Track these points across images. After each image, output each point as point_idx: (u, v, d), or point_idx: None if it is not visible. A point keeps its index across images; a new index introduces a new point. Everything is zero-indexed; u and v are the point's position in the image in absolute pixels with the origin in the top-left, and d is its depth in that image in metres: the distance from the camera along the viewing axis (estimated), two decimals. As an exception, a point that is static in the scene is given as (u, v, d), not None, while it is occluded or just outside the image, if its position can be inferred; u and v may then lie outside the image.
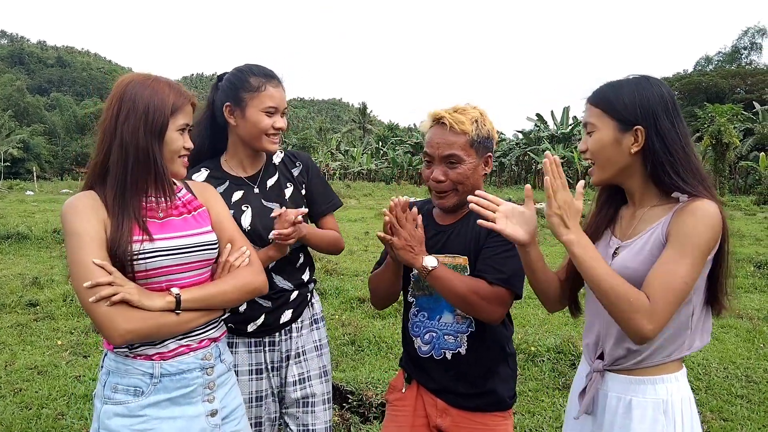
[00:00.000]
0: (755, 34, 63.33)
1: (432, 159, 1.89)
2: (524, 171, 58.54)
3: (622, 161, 1.57)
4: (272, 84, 2.01)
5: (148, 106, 1.56)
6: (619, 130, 1.55)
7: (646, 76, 1.60)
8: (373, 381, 4.16)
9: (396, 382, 2.09)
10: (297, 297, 2.12)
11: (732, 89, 53.85)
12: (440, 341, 1.92)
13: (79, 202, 1.54)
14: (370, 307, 6.46)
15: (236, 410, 1.76)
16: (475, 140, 1.84)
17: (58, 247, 10.77)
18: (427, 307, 1.96)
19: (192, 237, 1.64)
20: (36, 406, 3.93)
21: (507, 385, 1.95)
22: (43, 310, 6.36)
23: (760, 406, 4.06)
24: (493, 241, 1.84)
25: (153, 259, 1.55)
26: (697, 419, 1.57)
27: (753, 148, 39.06)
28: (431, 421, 1.95)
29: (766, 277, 8.50)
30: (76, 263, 1.47)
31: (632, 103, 1.53)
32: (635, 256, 1.53)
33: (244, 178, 2.10)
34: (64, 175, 65.68)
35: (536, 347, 5.00)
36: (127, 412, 1.54)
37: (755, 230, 15.08)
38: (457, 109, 1.86)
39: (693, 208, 1.44)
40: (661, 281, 1.41)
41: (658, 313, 1.40)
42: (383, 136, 72.05)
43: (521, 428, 3.65)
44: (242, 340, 2.07)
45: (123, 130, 1.55)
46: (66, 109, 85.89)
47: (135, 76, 1.62)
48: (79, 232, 1.49)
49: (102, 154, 1.58)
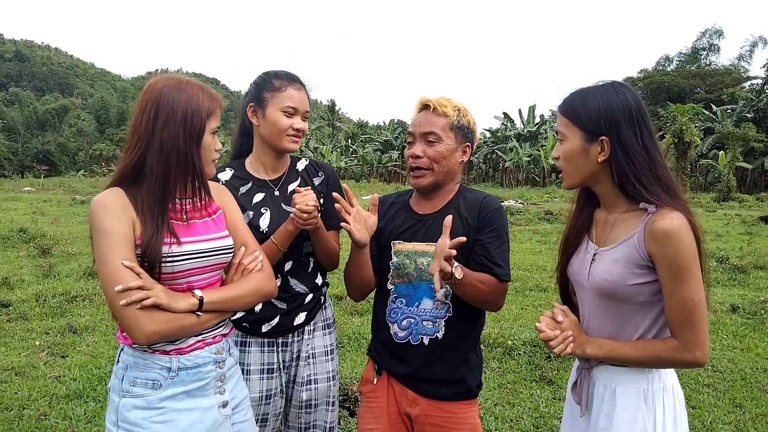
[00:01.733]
0: (713, 35, 65.05)
1: (414, 138, 2.02)
2: (492, 169, 59.18)
3: (591, 169, 1.64)
4: (294, 86, 2.06)
5: (186, 112, 1.60)
6: (586, 140, 1.61)
7: (612, 83, 1.66)
8: (356, 376, 4.23)
9: (367, 374, 2.16)
10: (311, 300, 2.18)
11: (692, 89, 55.24)
12: (418, 327, 1.99)
13: (109, 200, 1.57)
14: (348, 304, 6.53)
15: (243, 401, 1.83)
16: (455, 125, 1.98)
17: (25, 246, 10.55)
18: (405, 293, 2.02)
19: (213, 241, 1.69)
20: (17, 407, 3.89)
21: (474, 375, 2.04)
22: (15, 311, 6.25)
23: (725, 394, 4.27)
24: (488, 237, 1.95)
25: (180, 261, 1.59)
26: (682, 409, 1.66)
27: (713, 147, 40.27)
28: (401, 409, 2.03)
29: (727, 272, 8.86)
30: (105, 263, 1.50)
31: (596, 114, 1.59)
32: (612, 266, 1.61)
33: (267, 181, 2.15)
34: (25, 172, 63.83)
35: (512, 341, 5.13)
36: (146, 404, 1.59)
37: (716, 226, 15.63)
38: (443, 97, 2.02)
39: (665, 231, 1.49)
40: (680, 315, 1.51)
41: (694, 339, 1.51)
42: (352, 134, 71.87)
43: (502, 419, 3.77)
44: (255, 339, 2.12)
45: (162, 135, 1.58)
46: (26, 104, 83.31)
47: (167, 79, 1.65)
48: (108, 230, 1.52)
49: (135, 156, 1.60)
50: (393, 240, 2.05)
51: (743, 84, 52.57)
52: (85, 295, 6.96)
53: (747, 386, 4.43)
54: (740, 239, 13.05)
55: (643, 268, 1.56)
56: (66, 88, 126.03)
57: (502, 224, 1.99)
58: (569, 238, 1.80)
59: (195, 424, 1.63)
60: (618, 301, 1.61)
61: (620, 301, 1.61)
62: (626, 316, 1.62)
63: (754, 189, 39.55)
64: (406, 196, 2.16)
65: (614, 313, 1.64)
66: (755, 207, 25.06)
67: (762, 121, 41.30)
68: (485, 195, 2.07)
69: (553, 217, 17.60)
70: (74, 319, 6.02)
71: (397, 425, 2.04)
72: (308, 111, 2.12)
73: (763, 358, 5.08)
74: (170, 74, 1.70)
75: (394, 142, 62.61)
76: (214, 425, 1.68)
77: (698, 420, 3.81)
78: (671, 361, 1.54)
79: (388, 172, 61.33)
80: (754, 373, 4.70)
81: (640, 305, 1.60)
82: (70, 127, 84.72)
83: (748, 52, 57.39)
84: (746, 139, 34.71)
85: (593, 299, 1.68)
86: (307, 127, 2.12)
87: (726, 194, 29.47)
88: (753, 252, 10.66)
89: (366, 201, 24.68)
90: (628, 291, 1.58)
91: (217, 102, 1.68)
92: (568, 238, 1.81)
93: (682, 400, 1.68)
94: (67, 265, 8.91)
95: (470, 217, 1.98)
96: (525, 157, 49.11)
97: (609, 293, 1.61)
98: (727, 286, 8.12)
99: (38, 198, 24.45)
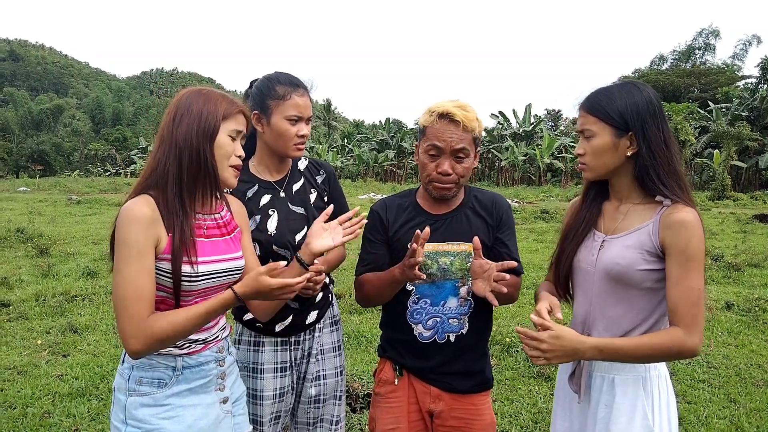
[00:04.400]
0: (709, 35, 65.32)
1: (440, 152, 1.94)
2: (488, 168, 59.27)
3: (618, 162, 1.72)
4: (297, 93, 2.06)
5: (201, 111, 1.64)
6: (616, 136, 1.70)
7: (632, 81, 1.77)
8: (357, 373, 4.29)
9: (385, 376, 2.15)
10: (321, 299, 2.23)
11: (687, 88, 55.44)
12: (444, 325, 2.03)
13: (139, 212, 1.56)
14: (347, 303, 6.57)
15: (240, 397, 1.89)
16: (477, 137, 1.99)
17: (23, 246, 10.57)
18: (429, 294, 2.03)
19: (230, 261, 1.73)
20: (20, 405, 3.93)
21: (490, 365, 2.14)
22: (15, 311, 6.28)
23: (720, 389, 4.34)
24: (505, 235, 2.07)
25: (198, 282, 1.63)
26: (672, 394, 1.75)
27: (707, 146, 40.41)
28: (423, 407, 2.07)
29: (722, 270, 8.93)
30: (119, 271, 1.54)
31: (625, 110, 1.68)
32: (624, 252, 1.69)
33: (272, 183, 2.17)
34: (20, 172, 63.64)
35: (510, 338, 5.20)
36: (153, 402, 1.64)
37: (710, 225, 15.72)
38: (462, 106, 1.95)
39: (682, 222, 1.60)
40: (684, 302, 1.58)
41: (694, 327, 1.58)
42: (348, 133, 71.93)
43: (501, 415, 3.82)
44: (269, 339, 2.15)
45: (177, 134, 1.62)
46: (21, 104, 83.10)
47: (192, 89, 1.71)
48: (129, 242, 1.53)
49: (159, 160, 1.63)
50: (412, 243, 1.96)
51: (737, 83, 52.76)
52: (85, 295, 7.00)
53: (741, 382, 4.50)
54: (735, 237, 13.15)
55: (653, 256, 1.65)
56: (61, 88, 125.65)
57: (513, 221, 2.13)
58: (578, 229, 1.86)
59: (199, 419, 1.69)
60: (625, 285, 1.69)
61: (627, 285, 1.69)
62: (631, 301, 1.70)
63: (748, 187, 39.74)
64: (410, 197, 2.15)
65: (620, 296, 1.71)
66: (750, 205, 25.23)
67: (756, 119, 41.49)
68: (493, 193, 2.16)
69: (549, 216, 17.68)
70: (74, 318, 6.05)
71: (416, 422, 2.08)
72: (311, 115, 2.13)
73: (757, 354, 5.15)
74: (198, 86, 1.74)
75: (390, 141, 62.67)
76: (217, 420, 1.74)
77: (693, 415, 3.88)
78: (673, 350, 1.59)
79: (384, 172, 61.40)
80: (748, 369, 4.77)
81: (646, 291, 1.68)
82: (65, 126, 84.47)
83: (742, 50, 57.68)
84: (740, 137, 34.88)
85: (600, 284, 1.75)
86: (310, 128, 2.14)
87: (721, 193, 29.63)
88: (747, 250, 10.74)
89: (362, 200, 24.70)
90: (636, 275, 1.66)
91: (236, 107, 1.70)
92: (575, 229, 1.87)
93: (671, 385, 1.77)
94: (66, 264, 8.93)
95: (488, 217, 2.06)
96: (521, 156, 49.22)
97: (618, 277, 1.69)
98: (722, 283, 8.20)
99: (34, 198, 24.40)
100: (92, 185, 35.30)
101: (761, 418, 3.85)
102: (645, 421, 1.66)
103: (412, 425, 2.07)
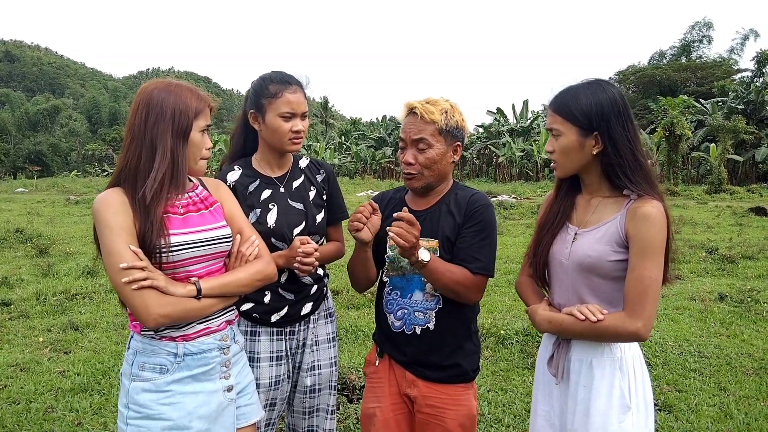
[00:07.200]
0: (702, 27, 65.30)
1: (405, 144, 2.09)
2: (485, 164, 59.31)
3: (585, 160, 1.80)
4: (289, 90, 2.14)
5: (174, 111, 1.72)
6: (582, 135, 1.77)
7: (598, 80, 1.82)
8: (354, 366, 4.36)
9: (371, 357, 2.28)
10: (316, 291, 2.32)
11: (684, 82, 55.49)
12: (411, 317, 2.10)
13: (110, 198, 1.67)
14: (345, 298, 6.65)
15: (248, 386, 1.93)
16: (444, 129, 2.04)
17: (22, 247, 10.62)
18: (399, 286, 2.14)
19: (209, 231, 1.79)
20: (24, 401, 3.99)
21: (470, 360, 2.14)
22: (16, 309, 6.35)
23: (711, 378, 4.42)
24: (470, 231, 2.05)
25: (177, 252, 1.69)
26: (647, 373, 1.84)
27: (704, 139, 40.50)
28: (401, 390, 2.14)
29: (717, 262, 9.01)
30: (111, 253, 1.61)
31: (589, 110, 1.74)
32: (595, 244, 1.78)
33: (273, 178, 2.26)
34: (18, 173, 63.57)
35: (505, 331, 5.27)
36: (154, 388, 1.70)
37: (707, 218, 15.81)
38: (429, 101, 2.07)
39: (645, 214, 1.69)
40: (635, 287, 1.67)
41: (642, 312, 1.65)
42: (346, 131, 71.86)
43: (495, 404, 3.90)
44: (265, 329, 2.23)
45: (152, 134, 1.70)
46: (17, 105, 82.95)
47: (158, 83, 1.77)
48: (112, 225, 1.62)
49: (130, 156, 1.71)
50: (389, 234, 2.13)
51: (734, 77, 52.80)
52: (85, 293, 7.06)
53: (732, 371, 4.58)
54: (730, 230, 13.22)
55: (621, 247, 1.73)
56: (57, 89, 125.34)
57: (486, 219, 2.05)
58: (552, 222, 1.93)
59: (200, 406, 1.73)
60: (596, 276, 1.77)
61: (599, 276, 1.77)
62: (603, 290, 1.78)
63: (744, 181, 39.83)
64: (403, 192, 2.26)
65: (593, 286, 1.79)
66: (746, 199, 25.32)
67: (752, 113, 41.61)
68: (475, 192, 2.15)
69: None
70: (75, 316, 6.12)
71: (398, 404, 2.14)
72: (307, 110, 2.21)
73: (748, 343, 5.23)
74: (161, 78, 1.82)
75: (387, 138, 62.70)
76: (219, 407, 1.78)
77: (684, 403, 3.95)
78: (614, 331, 1.68)
79: (381, 169, 61.40)
80: (739, 358, 4.84)
81: (615, 280, 1.75)
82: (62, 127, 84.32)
83: (739, 44, 57.73)
84: (736, 131, 34.96)
85: (573, 275, 1.83)
86: (307, 124, 2.21)
87: (717, 186, 29.73)
88: (742, 242, 10.83)
89: (360, 198, 24.77)
90: (606, 266, 1.74)
91: (205, 102, 1.80)
92: (550, 222, 1.95)
93: (645, 367, 1.85)
94: (66, 264, 8.99)
95: (458, 214, 2.08)
96: (518, 152, 49.28)
97: (590, 268, 1.77)
98: (716, 276, 8.26)
99: (32, 199, 24.46)
100: (90, 185, 35.34)
101: (749, 405, 3.93)
102: (623, 399, 1.74)
103: (394, 407, 2.14)
